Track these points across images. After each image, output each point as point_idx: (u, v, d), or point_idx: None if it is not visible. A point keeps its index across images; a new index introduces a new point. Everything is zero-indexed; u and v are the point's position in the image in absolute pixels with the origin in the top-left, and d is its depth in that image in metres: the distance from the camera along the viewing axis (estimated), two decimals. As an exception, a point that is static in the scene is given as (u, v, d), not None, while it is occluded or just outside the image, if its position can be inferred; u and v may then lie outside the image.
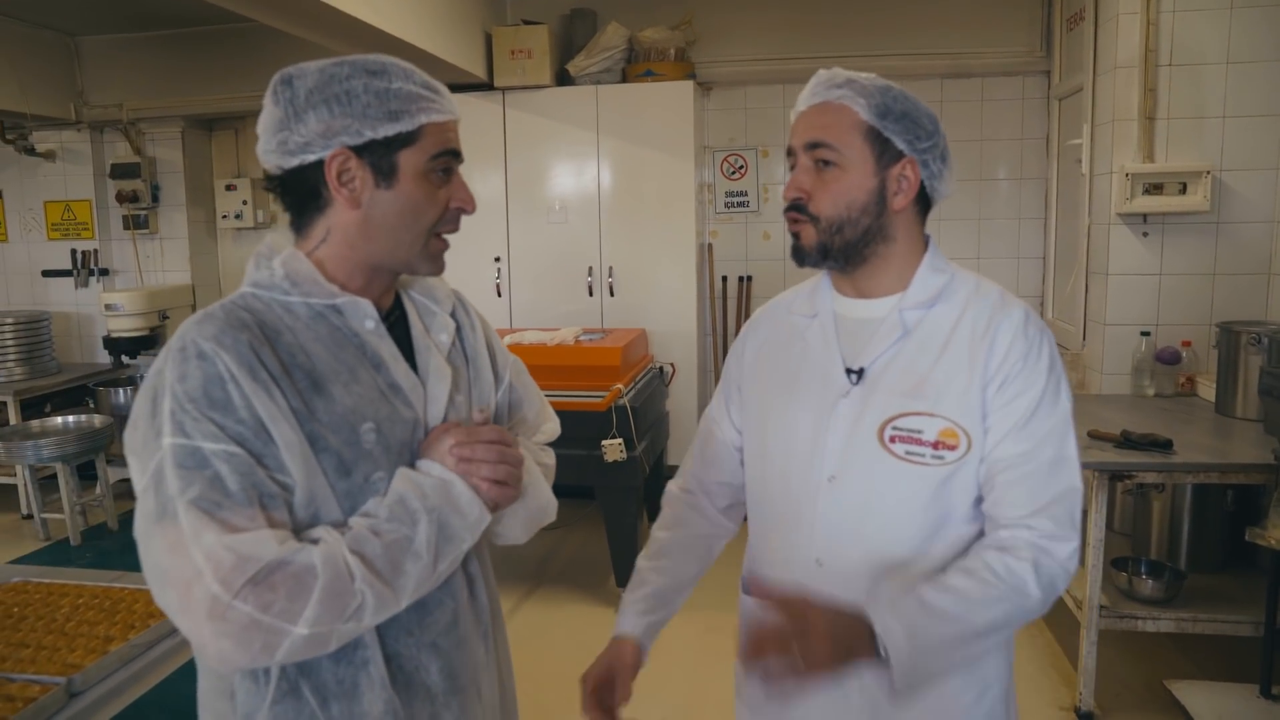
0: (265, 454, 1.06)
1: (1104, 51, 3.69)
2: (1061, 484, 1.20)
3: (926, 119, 1.27)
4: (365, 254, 1.18)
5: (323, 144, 1.12)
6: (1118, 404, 3.42)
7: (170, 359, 1.07)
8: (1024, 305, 1.28)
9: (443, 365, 1.26)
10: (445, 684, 1.22)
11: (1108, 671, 3.10)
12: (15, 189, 5.76)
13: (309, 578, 1.02)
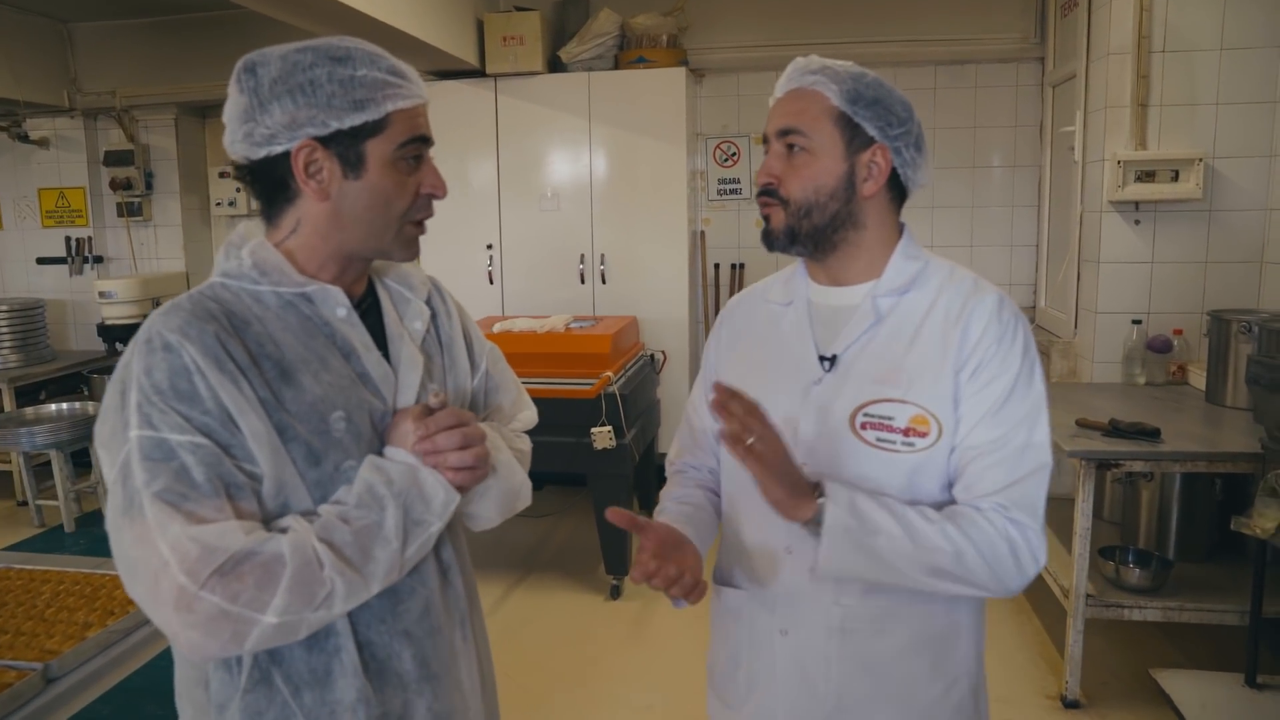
0: (232, 444, 1.06)
1: (1097, 38, 3.66)
2: (1027, 469, 1.20)
3: (899, 106, 1.26)
4: (337, 244, 1.17)
5: (288, 135, 1.11)
6: (1108, 392, 3.41)
7: (137, 351, 1.07)
8: (998, 291, 1.28)
9: (415, 353, 1.25)
10: (418, 671, 1.22)
11: (1095, 660, 3.11)
12: (9, 176, 5.76)
13: (277, 567, 1.02)
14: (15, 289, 5.87)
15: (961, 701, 1.30)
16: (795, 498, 1.16)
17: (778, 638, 1.31)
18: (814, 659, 1.28)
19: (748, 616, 1.36)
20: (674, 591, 1.21)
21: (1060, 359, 3.86)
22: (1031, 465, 1.20)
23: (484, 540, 4.45)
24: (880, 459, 1.23)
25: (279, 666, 1.15)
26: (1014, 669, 3.14)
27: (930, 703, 1.29)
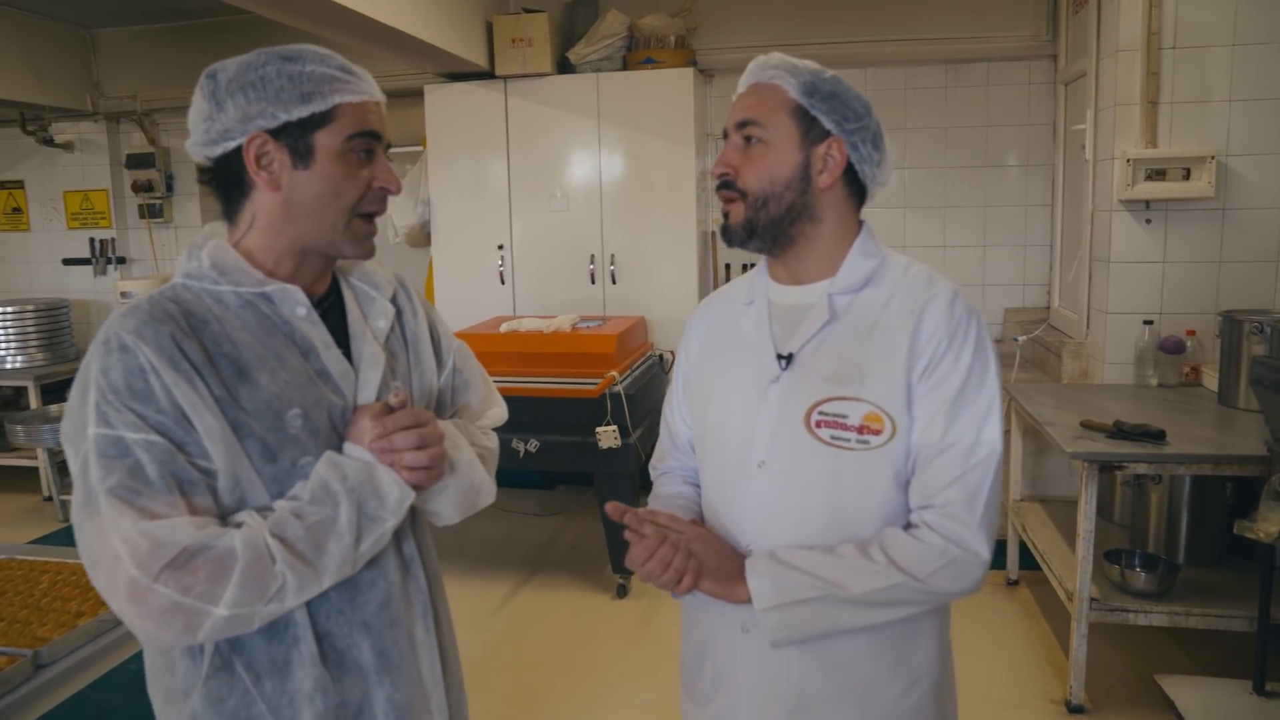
0: (187, 441, 1.09)
1: (1106, 34, 3.62)
2: (972, 466, 1.19)
3: (856, 101, 1.27)
4: (290, 237, 1.20)
5: (241, 129, 1.16)
6: (1118, 394, 3.36)
7: (96, 352, 1.11)
8: (952, 286, 1.27)
9: (376, 351, 1.27)
10: (377, 662, 1.24)
11: (1102, 665, 3.06)
12: (36, 179, 5.89)
13: (229, 561, 1.05)
14: (42, 289, 5.99)
15: (921, 702, 1.29)
16: (726, 586, 1.23)
17: (739, 634, 1.31)
18: (774, 657, 1.28)
19: (712, 613, 1.36)
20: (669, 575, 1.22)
21: (1071, 360, 3.81)
22: (977, 462, 1.19)
23: (492, 539, 4.48)
24: (836, 457, 1.22)
25: (239, 655, 1.18)
26: (1019, 673, 3.10)
27: (890, 702, 1.28)
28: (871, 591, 1.18)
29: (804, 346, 1.27)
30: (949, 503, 1.18)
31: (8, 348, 5.17)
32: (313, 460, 1.16)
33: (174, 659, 1.19)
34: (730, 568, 1.23)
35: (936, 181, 4.81)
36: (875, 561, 1.18)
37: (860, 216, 1.33)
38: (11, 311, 5.19)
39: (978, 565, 1.19)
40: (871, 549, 1.19)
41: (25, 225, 5.97)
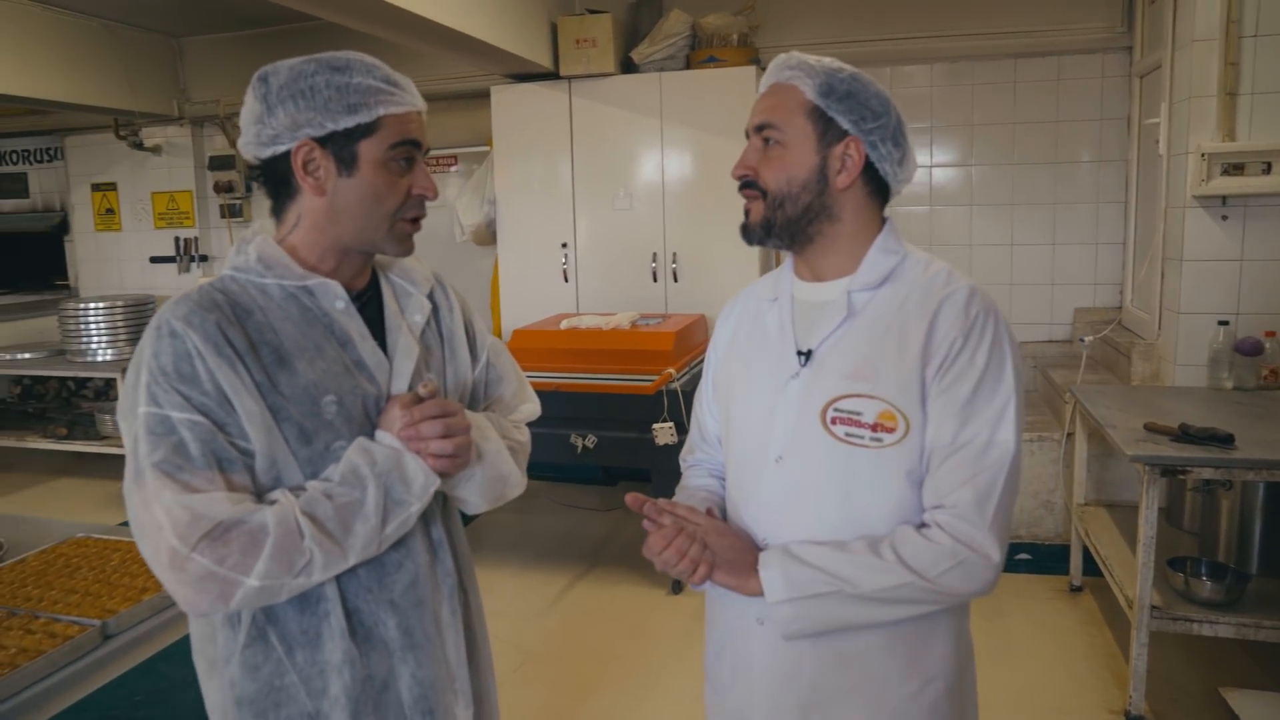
0: (228, 422, 1.16)
1: (1183, 23, 3.50)
2: (985, 466, 1.18)
3: (875, 100, 1.27)
4: (333, 237, 1.27)
5: (290, 136, 1.22)
6: (1188, 397, 3.26)
7: (149, 337, 1.19)
8: (970, 283, 1.26)
9: (411, 343, 1.33)
10: (402, 639, 1.30)
11: (1165, 676, 2.97)
12: (128, 182, 6.19)
13: (261, 535, 1.12)
14: (131, 286, 6.29)
15: (936, 702, 1.29)
16: (740, 578, 1.24)
17: (755, 627, 1.32)
18: (788, 650, 1.29)
19: (730, 606, 1.38)
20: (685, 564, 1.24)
21: (1141, 361, 3.69)
22: (991, 463, 1.19)
23: (553, 533, 4.55)
24: (850, 454, 1.23)
25: (274, 626, 1.25)
26: (1078, 680, 3.03)
27: (903, 700, 1.28)
28: (881, 589, 1.18)
29: (822, 343, 1.28)
30: (960, 503, 1.18)
31: (99, 342, 5.43)
32: (345, 444, 1.23)
33: (215, 628, 1.27)
34: (745, 560, 1.25)
35: (1004, 178, 4.71)
36: (885, 559, 1.19)
37: (885, 213, 1.33)
38: (103, 307, 5.45)
39: (988, 567, 1.18)
40: (882, 547, 1.20)
41: (117, 225, 6.28)
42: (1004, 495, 1.19)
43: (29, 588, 1.88)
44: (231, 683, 1.26)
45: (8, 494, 5.47)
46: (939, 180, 4.84)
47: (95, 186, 6.29)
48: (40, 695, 1.53)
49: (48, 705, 1.56)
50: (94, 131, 6.10)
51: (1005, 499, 1.19)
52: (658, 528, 1.26)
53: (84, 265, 6.51)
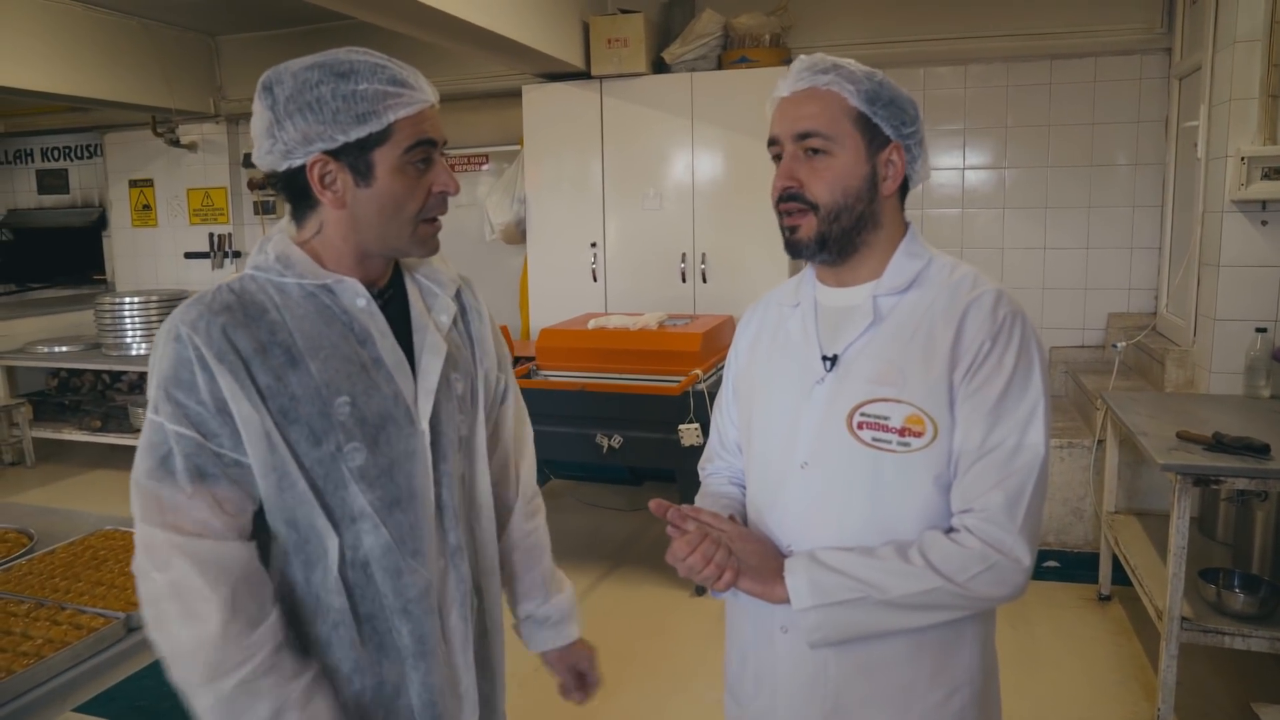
0: (221, 433, 1.17)
1: (1224, 24, 3.43)
2: (1014, 470, 1.17)
3: (909, 105, 1.27)
4: (356, 244, 1.25)
5: (303, 151, 1.19)
6: (1223, 405, 3.19)
7: (159, 340, 1.20)
8: (996, 287, 1.25)
9: (438, 340, 1.32)
10: (415, 646, 1.29)
11: (1195, 688, 2.92)
12: (164, 178, 6.28)
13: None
14: (166, 281, 6.39)
15: (962, 711, 1.27)
16: (765, 585, 1.23)
17: (779, 635, 1.31)
18: (812, 659, 1.28)
19: (752, 615, 1.37)
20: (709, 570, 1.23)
21: (1175, 368, 3.63)
22: (1020, 466, 1.17)
23: (579, 532, 4.55)
24: (877, 459, 1.22)
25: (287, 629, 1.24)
26: (1106, 691, 2.99)
27: (929, 709, 1.26)
28: (909, 595, 1.17)
29: (848, 348, 1.27)
30: (989, 507, 1.17)
31: (134, 336, 5.53)
32: (360, 447, 1.22)
33: None
34: (770, 567, 1.24)
35: (1037, 181, 4.65)
36: (913, 564, 1.17)
37: (905, 217, 1.33)
38: (138, 302, 5.55)
39: (1018, 571, 1.17)
40: (910, 551, 1.18)
41: (154, 221, 6.38)
42: (1033, 498, 1.17)
43: (57, 579, 1.91)
44: None
45: (45, 484, 5.57)
46: (971, 183, 4.79)
47: (133, 183, 6.40)
48: (65, 686, 1.55)
49: (72, 695, 1.58)
50: (132, 129, 6.20)
51: (1035, 502, 1.18)
52: (681, 534, 1.24)
53: (120, 260, 6.62)
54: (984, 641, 1.30)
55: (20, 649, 1.59)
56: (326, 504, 1.22)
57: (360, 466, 1.22)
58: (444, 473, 1.32)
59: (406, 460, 1.27)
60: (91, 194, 6.77)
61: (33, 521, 2.24)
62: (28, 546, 2.09)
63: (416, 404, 1.28)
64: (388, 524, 1.25)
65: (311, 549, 1.24)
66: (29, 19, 4.75)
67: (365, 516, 1.23)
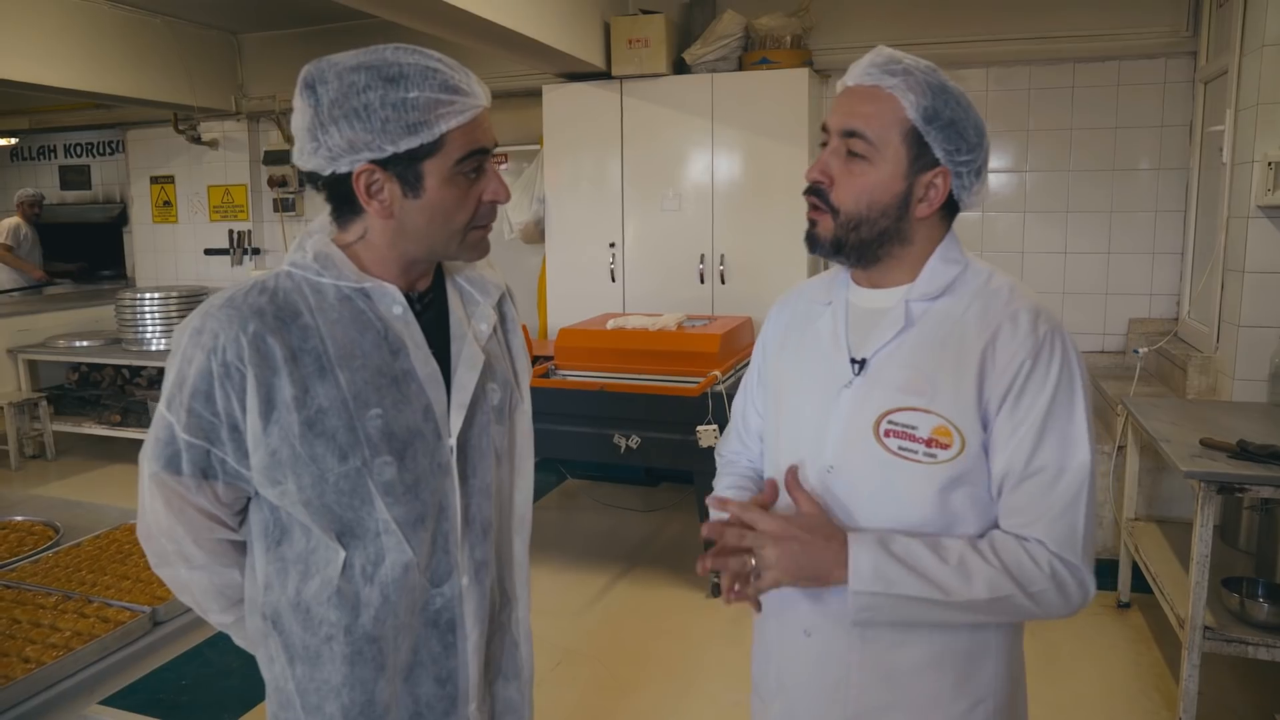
0: (228, 444, 1.18)
1: (1252, 28, 3.40)
2: (1066, 499, 1.16)
3: (973, 131, 1.20)
4: (401, 251, 1.22)
5: (349, 158, 1.13)
6: (1247, 412, 3.17)
7: (188, 334, 1.18)
8: (1035, 301, 1.21)
9: (476, 353, 1.28)
10: (415, 665, 1.27)
11: (1217, 699, 2.89)
12: (185, 175, 6.33)
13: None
14: (186, 278, 6.43)
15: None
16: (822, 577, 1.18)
17: (802, 638, 1.30)
18: (835, 663, 1.27)
19: (777, 614, 1.35)
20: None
21: (1198, 375, 3.60)
22: (1070, 494, 1.16)
23: (595, 532, 4.55)
24: (903, 468, 1.20)
25: (279, 633, 1.25)
26: (1125, 699, 2.97)
27: (953, 719, 1.25)
28: (976, 601, 1.14)
29: (877, 353, 1.24)
30: (1052, 529, 1.15)
31: (153, 331, 5.56)
32: (388, 461, 1.18)
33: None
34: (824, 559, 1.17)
35: (1059, 185, 4.62)
36: (990, 565, 1.15)
37: (949, 228, 1.29)
38: (158, 297, 5.59)
39: (1082, 593, 1.17)
40: (984, 550, 1.16)
41: (174, 218, 6.43)
42: (1089, 517, 1.17)
43: (83, 572, 1.92)
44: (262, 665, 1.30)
45: (64, 477, 5.61)
46: (992, 186, 4.76)
47: (154, 179, 6.45)
48: (92, 678, 1.56)
49: (99, 688, 1.59)
50: (154, 125, 6.26)
51: (1090, 520, 1.17)
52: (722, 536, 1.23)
53: (141, 256, 6.67)
54: (1010, 652, 1.29)
55: (49, 640, 1.60)
56: (343, 518, 1.19)
57: (388, 481, 1.19)
58: (474, 487, 1.29)
59: (434, 475, 1.23)
60: (113, 190, 6.83)
61: (58, 514, 2.26)
62: (54, 539, 2.10)
63: (449, 417, 1.25)
64: (411, 540, 1.21)
65: (315, 559, 1.21)
66: (54, 17, 4.79)
67: (389, 532, 1.20)
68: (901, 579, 1.14)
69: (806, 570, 1.18)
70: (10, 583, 1.84)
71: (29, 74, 4.66)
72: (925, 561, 1.15)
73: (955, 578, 1.14)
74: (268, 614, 1.25)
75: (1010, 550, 1.16)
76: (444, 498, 1.25)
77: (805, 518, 1.22)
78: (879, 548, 1.16)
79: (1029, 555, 1.15)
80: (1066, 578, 1.15)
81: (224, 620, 1.34)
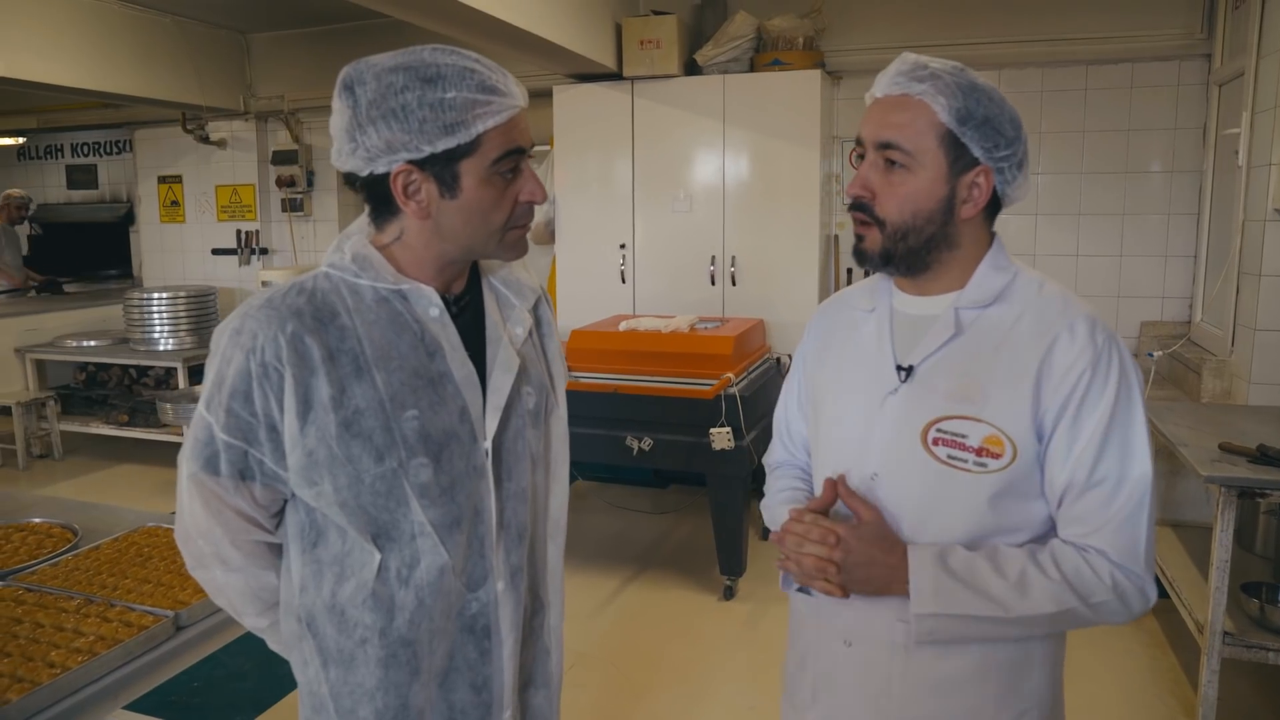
0: (266, 445, 1.18)
1: (1270, 30, 3.39)
2: (1128, 510, 1.15)
3: (1009, 125, 1.19)
4: (438, 252, 1.22)
5: (387, 159, 1.14)
6: (1264, 416, 3.15)
7: (228, 335, 1.18)
8: (1089, 310, 1.20)
9: (511, 356, 1.28)
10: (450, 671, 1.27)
11: (1236, 705, 2.88)
12: (193, 174, 6.32)
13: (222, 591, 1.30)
14: (193, 277, 6.42)
15: None
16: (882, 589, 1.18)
17: (841, 648, 1.29)
18: (876, 674, 1.26)
19: (815, 623, 1.35)
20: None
21: (1213, 378, 3.59)
22: (1133, 505, 1.15)
23: (605, 534, 4.54)
24: (952, 477, 1.19)
25: (313, 636, 1.25)
26: (1142, 706, 2.95)
27: None
28: (1037, 616, 1.14)
29: (925, 360, 1.23)
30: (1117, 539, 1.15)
31: (161, 331, 5.55)
32: (425, 462, 1.18)
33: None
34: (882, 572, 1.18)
35: (1071, 187, 4.61)
36: (1050, 579, 1.14)
37: (992, 228, 1.28)
38: (166, 297, 5.58)
39: (1143, 601, 1.16)
40: (1044, 563, 1.15)
41: (181, 217, 6.42)
42: (1150, 527, 1.16)
43: (104, 575, 1.91)
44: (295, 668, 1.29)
45: (72, 477, 5.60)
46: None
47: (161, 179, 6.44)
48: (116, 684, 1.55)
49: (123, 693, 1.58)
50: (162, 125, 6.25)
51: (1152, 530, 1.16)
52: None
53: (148, 256, 6.66)
54: (1053, 664, 1.28)
55: (73, 645, 1.59)
56: (379, 520, 1.19)
57: (424, 483, 1.19)
58: (509, 491, 1.29)
59: (469, 478, 1.23)
60: (120, 189, 6.83)
61: (75, 517, 2.25)
62: (73, 542, 2.09)
63: (484, 420, 1.25)
64: (447, 544, 1.21)
65: (351, 561, 1.21)
66: (62, 15, 4.78)
67: (425, 534, 1.20)
68: (962, 598, 1.14)
69: (865, 586, 1.18)
70: (31, 585, 1.83)
71: (37, 72, 4.65)
72: (986, 578, 1.14)
73: (1016, 594, 1.13)
74: (302, 617, 1.24)
75: (1071, 561, 1.15)
76: (479, 501, 1.25)
77: (866, 526, 1.21)
78: (938, 566, 1.15)
79: (1090, 567, 1.14)
80: (1128, 588, 1.15)
81: (259, 624, 1.33)
